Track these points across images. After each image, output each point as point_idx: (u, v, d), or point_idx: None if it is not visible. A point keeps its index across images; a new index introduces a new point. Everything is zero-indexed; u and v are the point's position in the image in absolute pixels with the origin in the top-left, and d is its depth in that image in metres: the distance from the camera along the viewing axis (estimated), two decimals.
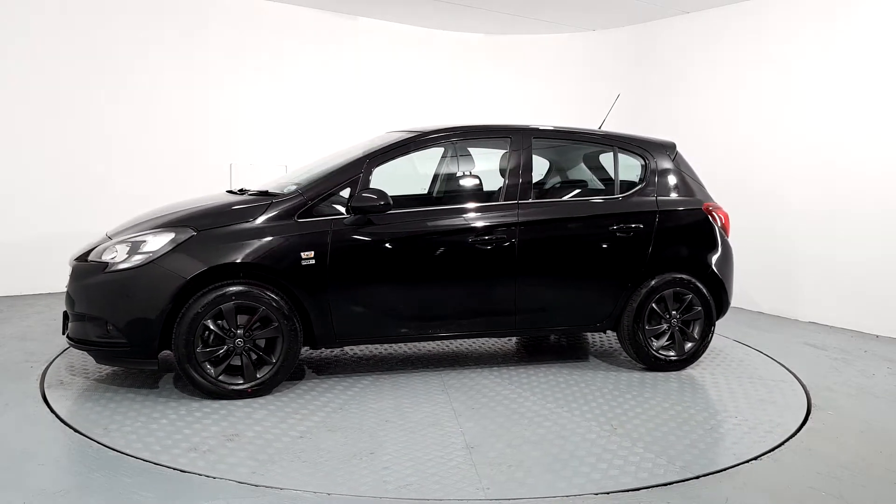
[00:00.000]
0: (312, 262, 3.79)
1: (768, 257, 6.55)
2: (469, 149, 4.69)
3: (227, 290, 3.67)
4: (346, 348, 4.72)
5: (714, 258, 4.63)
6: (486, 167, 4.64)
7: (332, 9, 7.53)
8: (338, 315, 3.91)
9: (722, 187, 6.90)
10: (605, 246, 4.41)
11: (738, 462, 3.18)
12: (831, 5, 6.04)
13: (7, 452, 3.02)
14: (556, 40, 8.37)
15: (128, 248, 3.69)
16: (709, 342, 4.64)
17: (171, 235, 3.68)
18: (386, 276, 4.03)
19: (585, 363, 4.68)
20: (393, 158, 4.17)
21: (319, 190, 3.96)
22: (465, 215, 4.20)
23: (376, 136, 5.11)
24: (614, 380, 4.33)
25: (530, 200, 4.31)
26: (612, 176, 4.65)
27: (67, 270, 3.95)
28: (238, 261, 3.69)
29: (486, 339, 5.07)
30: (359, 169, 4.03)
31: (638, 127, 7.68)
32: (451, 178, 4.76)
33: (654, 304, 4.46)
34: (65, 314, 3.86)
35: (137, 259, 3.63)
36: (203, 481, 2.82)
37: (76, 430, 3.28)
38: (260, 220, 3.81)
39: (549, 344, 5.26)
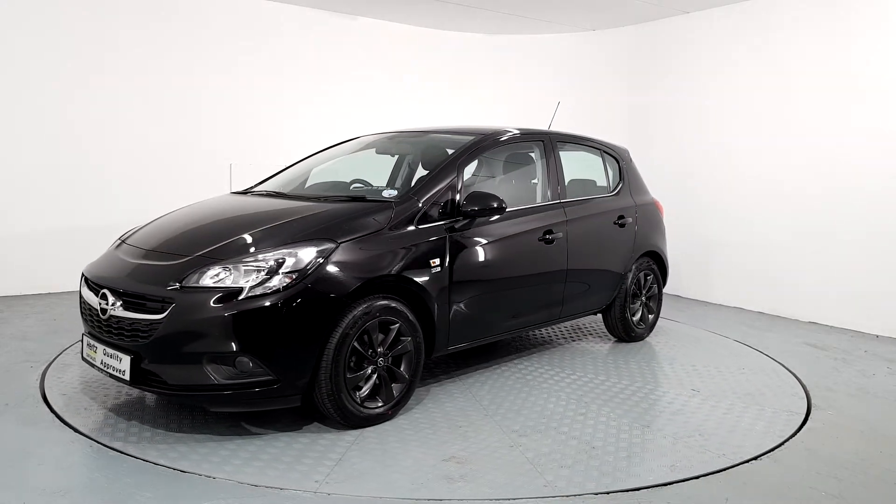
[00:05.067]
0: (438, 269, 3.70)
1: (769, 257, 6.55)
2: (509, 151, 4.82)
3: (372, 305, 3.35)
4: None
5: (663, 244, 5.56)
6: (523, 169, 4.88)
7: (332, 9, 7.53)
8: (455, 321, 3.84)
9: (719, 186, 6.94)
10: (612, 237, 5.04)
11: (738, 462, 3.18)
12: (831, 5, 6.05)
13: (7, 452, 3.02)
14: (556, 40, 8.37)
15: (266, 268, 3.15)
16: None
17: (314, 250, 3.26)
18: (490, 276, 4.09)
19: (571, 344, 4.72)
20: (475, 159, 4.24)
21: (429, 194, 3.82)
22: (535, 215, 4.43)
23: (359, 137, 5.09)
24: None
25: (568, 199, 4.69)
26: (604, 175, 5.28)
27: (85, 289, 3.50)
28: (390, 273, 3.45)
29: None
30: (453, 171, 3.97)
31: (639, 126, 7.71)
32: (510, 180, 4.86)
33: (634, 285, 5.22)
34: (135, 356, 3.13)
35: (282, 280, 3.13)
36: (203, 481, 2.82)
37: (76, 430, 3.28)
38: (389, 227, 3.57)
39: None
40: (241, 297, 3.06)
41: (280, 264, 3.17)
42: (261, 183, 4.65)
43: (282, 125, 7.42)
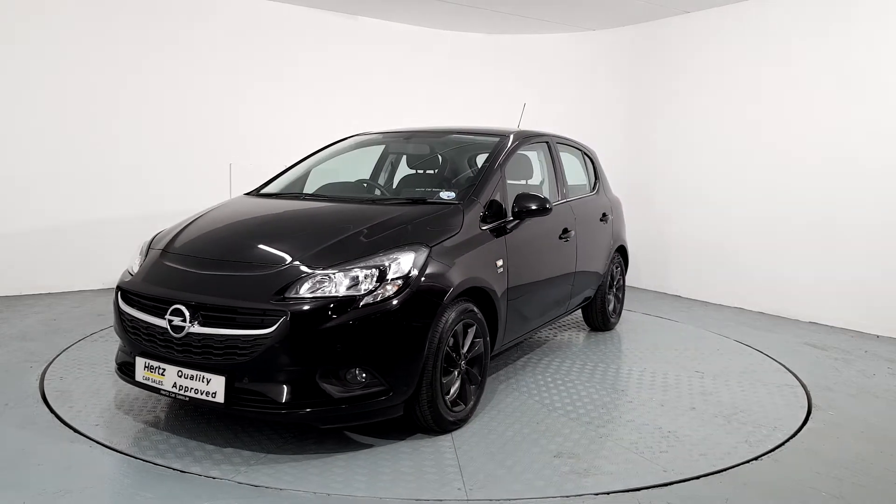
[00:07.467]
0: (502, 269, 3.72)
1: (769, 257, 6.55)
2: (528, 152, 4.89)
3: (454, 310, 3.28)
4: None
5: (626, 237, 5.86)
6: (537, 169, 4.97)
7: (332, 9, 7.53)
8: (510, 320, 3.88)
9: (718, 185, 6.93)
10: (600, 233, 5.29)
11: (738, 462, 3.18)
12: (831, 5, 6.05)
13: (7, 452, 3.03)
14: (556, 40, 8.37)
15: (374, 276, 3.02)
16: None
17: (412, 255, 3.15)
18: (533, 274, 4.18)
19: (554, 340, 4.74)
20: (511, 158, 4.26)
21: (487, 195, 3.82)
22: (556, 212, 4.48)
23: (349, 138, 5.07)
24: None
25: (571, 198, 4.89)
26: (585, 175, 5.53)
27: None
28: (473, 275, 3.43)
29: None
30: (498, 172, 4.01)
31: (638, 126, 7.71)
32: (529, 179, 4.91)
33: (609, 278, 5.49)
34: (230, 376, 2.89)
35: (391, 287, 3.02)
36: (203, 481, 2.81)
37: (76, 431, 3.28)
38: (463, 230, 3.53)
39: None
40: (355, 306, 2.92)
41: (385, 271, 3.05)
42: (268, 183, 4.53)
43: (282, 125, 7.41)
